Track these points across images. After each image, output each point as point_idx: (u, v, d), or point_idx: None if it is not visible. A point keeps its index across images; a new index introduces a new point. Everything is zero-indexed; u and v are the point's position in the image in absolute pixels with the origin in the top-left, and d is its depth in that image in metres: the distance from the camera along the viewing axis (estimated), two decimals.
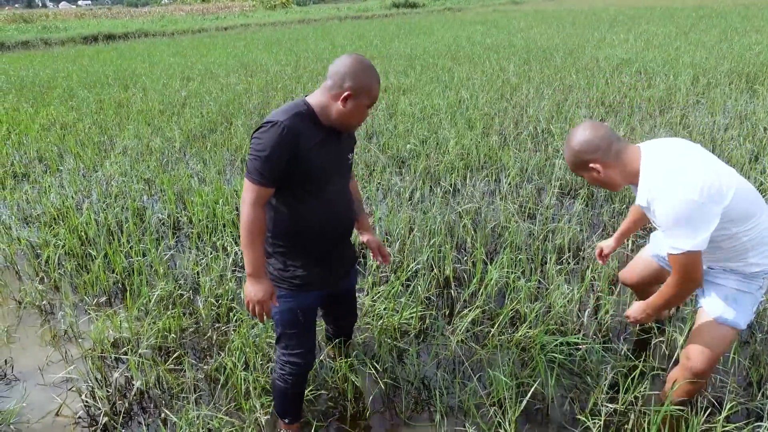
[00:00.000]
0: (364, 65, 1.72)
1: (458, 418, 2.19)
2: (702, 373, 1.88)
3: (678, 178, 1.64)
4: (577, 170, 1.83)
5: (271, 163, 1.66)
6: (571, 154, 1.80)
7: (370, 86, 1.72)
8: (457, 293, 2.99)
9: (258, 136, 1.67)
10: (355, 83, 1.70)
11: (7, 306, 3.15)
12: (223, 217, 3.76)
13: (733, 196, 1.64)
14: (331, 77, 1.72)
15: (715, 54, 9.71)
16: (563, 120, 5.88)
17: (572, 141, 1.78)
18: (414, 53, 11.99)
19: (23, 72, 11.98)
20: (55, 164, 5.31)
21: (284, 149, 1.66)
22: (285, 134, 1.65)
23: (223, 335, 2.69)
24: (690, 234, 1.62)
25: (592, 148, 1.75)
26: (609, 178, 1.79)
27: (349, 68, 1.71)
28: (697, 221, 1.61)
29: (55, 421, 2.28)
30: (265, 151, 1.65)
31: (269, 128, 1.65)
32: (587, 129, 1.77)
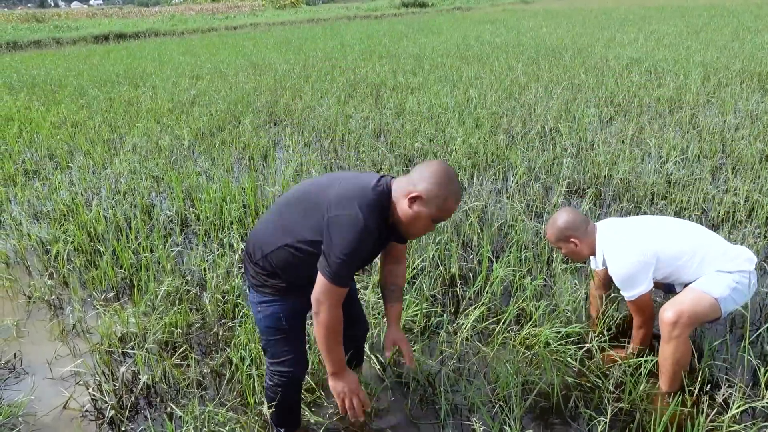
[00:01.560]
0: (448, 176, 1.64)
1: (463, 415, 2.19)
2: (671, 321, 2.08)
3: (622, 249, 2.21)
4: (558, 243, 2.36)
5: (355, 266, 1.65)
6: (556, 230, 2.33)
7: (444, 198, 1.61)
8: (462, 291, 2.99)
9: (345, 235, 1.57)
10: (429, 187, 1.61)
11: (17, 300, 3.19)
12: (231, 214, 3.78)
13: (659, 253, 2.17)
14: (412, 172, 1.66)
15: (726, 53, 9.62)
16: (572, 119, 5.86)
17: (558, 221, 2.33)
18: (422, 52, 11.98)
19: (35, 71, 12.10)
20: (65, 161, 5.36)
21: (365, 250, 1.63)
22: (368, 236, 1.60)
23: (229, 331, 2.70)
24: (636, 283, 2.17)
25: (574, 226, 2.31)
26: (581, 250, 2.34)
27: (432, 171, 1.63)
28: (638, 274, 2.16)
29: (62, 414, 2.31)
30: (353, 255, 1.59)
31: (358, 230, 1.57)
32: (569, 212, 2.35)
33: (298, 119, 6.63)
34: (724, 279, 2.13)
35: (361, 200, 1.61)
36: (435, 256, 3.19)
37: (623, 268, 2.17)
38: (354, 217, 1.58)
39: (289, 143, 5.50)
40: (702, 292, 2.11)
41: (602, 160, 4.51)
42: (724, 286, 2.11)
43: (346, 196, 1.64)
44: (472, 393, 2.24)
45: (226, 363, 2.49)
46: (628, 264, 2.16)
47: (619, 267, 2.18)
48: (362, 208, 1.59)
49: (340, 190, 1.67)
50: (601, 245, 2.28)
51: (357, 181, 1.71)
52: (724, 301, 2.10)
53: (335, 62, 11.11)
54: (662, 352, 2.16)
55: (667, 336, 2.11)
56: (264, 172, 4.85)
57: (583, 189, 4.24)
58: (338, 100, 7.38)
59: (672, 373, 2.15)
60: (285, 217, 1.78)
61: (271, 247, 1.76)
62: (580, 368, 2.36)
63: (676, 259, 2.18)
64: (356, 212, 1.58)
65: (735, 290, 2.13)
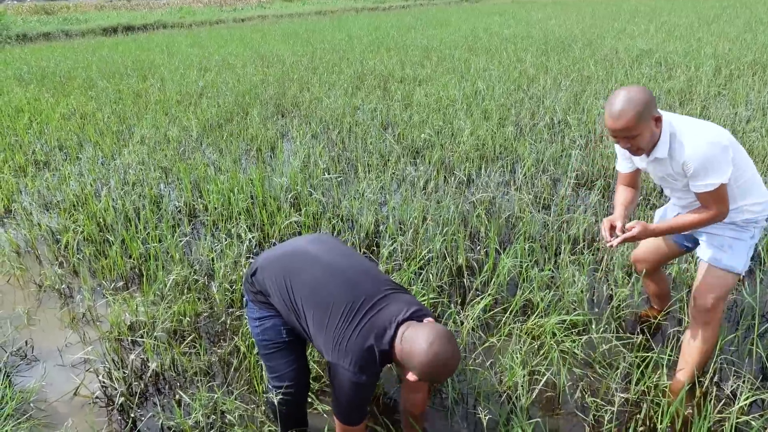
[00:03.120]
0: (439, 357, 1.52)
1: (470, 405, 2.19)
2: (708, 308, 2.02)
3: (701, 129, 1.89)
4: (640, 123, 1.84)
5: (365, 406, 1.73)
6: (642, 105, 1.82)
7: (437, 374, 1.57)
8: (469, 282, 2.99)
9: (346, 391, 1.65)
10: (423, 368, 1.56)
11: (28, 289, 3.22)
12: (238, 205, 3.79)
13: (736, 145, 1.93)
14: (413, 338, 1.57)
15: (738, 45, 9.50)
16: (580, 111, 5.82)
17: (638, 94, 1.83)
18: (430, 44, 11.91)
19: (44, 63, 12.15)
20: (74, 152, 5.40)
21: (370, 393, 1.72)
22: (369, 386, 1.67)
23: (237, 320, 2.72)
24: (719, 170, 1.86)
25: (653, 101, 1.85)
26: (654, 134, 1.91)
27: (422, 351, 1.53)
28: (723, 159, 1.85)
29: (73, 400, 2.34)
30: (359, 403, 1.69)
31: (357, 388, 1.64)
32: (641, 88, 1.86)
33: (305, 111, 6.63)
34: (746, 246, 2.03)
35: (361, 358, 1.63)
36: (442, 247, 3.18)
37: (705, 148, 1.85)
38: (351, 375, 1.62)
39: (296, 135, 5.50)
40: (728, 273, 2.02)
41: (611, 152, 4.48)
42: (746, 257, 2.03)
43: (352, 348, 1.63)
44: (479, 382, 2.25)
45: (234, 351, 2.51)
46: (711, 145, 1.85)
47: (699, 147, 1.86)
48: (360, 367, 1.62)
49: (350, 337, 1.66)
50: (668, 129, 1.93)
51: (368, 326, 1.67)
52: (742, 269, 2.04)
53: (343, 54, 11.08)
54: (690, 342, 2.11)
55: (702, 323, 2.07)
56: (272, 163, 4.86)
57: (592, 181, 4.21)
58: (346, 91, 7.36)
59: (697, 363, 2.11)
60: (296, 286, 1.77)
61: (269, 286, 1.82)
62: (586, 358, 2.36)
63: (738, 167, 1.94)
64: (352, 371, 1.62)
65: (751, 249, 2.05)
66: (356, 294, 1.71)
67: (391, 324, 1.64)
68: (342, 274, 1.76)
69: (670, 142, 1.93)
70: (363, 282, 1.75)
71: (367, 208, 3.64)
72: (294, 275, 1.78)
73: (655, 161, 2.00)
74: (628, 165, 2.19)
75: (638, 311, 2.70)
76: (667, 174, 2.01)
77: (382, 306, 1.69)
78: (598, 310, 2.74)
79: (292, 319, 1.78)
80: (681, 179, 1.99)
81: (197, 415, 2.07)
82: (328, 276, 1.76)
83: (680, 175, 1.97)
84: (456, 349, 1.56)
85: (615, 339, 2.42)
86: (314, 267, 1.79)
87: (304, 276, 1.77)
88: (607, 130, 1.93)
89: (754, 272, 2.95)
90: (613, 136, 1.91)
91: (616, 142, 1.93)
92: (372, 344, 1.62)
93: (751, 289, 2.78)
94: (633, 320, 2.66)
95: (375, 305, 1.69)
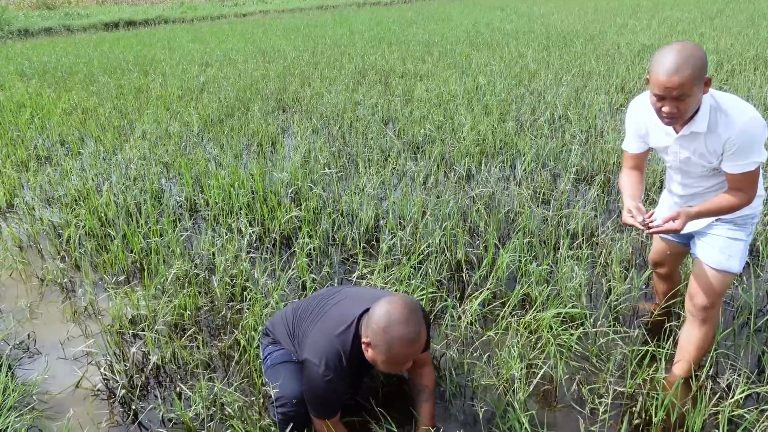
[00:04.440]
0: (395, 319, 1.58)
1: (467, 398, 2.21)
2: (707, 306, 2.02)
3: (743, 104, 1.78)
4: (696, 84, 1.68)
5: (335, 402, 1.80)
6: (696, 63, 1.66)
7: (389, 345, 1.59)
8: (468, 276, 3.01)
9: (315, 385, 1.74)
10: (374, 334, 1.62)
11: (30, 283, 3.25)
12: (239, 200, 3.81)
13: None
14: (372, 308, 1.68)
15: (741, 40, 9.47)
16: (581, 106, 5.81)
17: (696, 51, 1.67)
18: (432, 39, 11.89)
19: (46, 58, 12.16)
20: (76, 147, 5.42)
21: (339, 390, 1.77)
22: (337, 383, 1.74)
23: (237, 313, 2.74)
24: (760, 149, 1.77)
25: (707, 62, 1.69)
26: (699, 101, 1.75)
27: (380, 314, 1.61)
28: (763, 138, 1.76)
29: (75, 392, 2.36)
30: (327, 399, 1.77)
31: (324, 383, 1.71)
32: (697, 45, 1.69)
33: (306, 106, 6.64)
34: (744, 245, 1.99)
35: (327, 351, 1.73)
36: (441, 241, 3.20)
37: (752, 125, 1.73)
38: (317, 372, 1.71)
39: (297, 130, 5.51)
40: (728, 273, 1.99)
41: (611, 147, 4.48)
42: (744, 256, 2.00)
43: (318, 342, 1.77)
44: (477, 375, 2.27)
45: (234, 345, 2.53)
46: (756, 121, 1.74)
47: (747, 123, 1.73)
48: (327, 361, 1.71)
49: (318, 330, 1.81)
50: (708, 101, 1.79)
51: (336, 321, 1.81)
52: (739, 268, 2.01)
53: (344, 49, 11.07)
54: (689, 337, 2.10)
55: (700, 321, 2.06)
56: (272, 158, 4.87)
57: (592, 176, 4.22)
58: (347, 87, 7.36)
59: (694, 358, 2.10)
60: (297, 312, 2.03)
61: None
62: (583, 352, 2.38)
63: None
64: (321, 366, 1.70)
65: (747, 246, 2.01)
66: (333, 295, 1.95)
67: (354, 318, 1.78)
68: (330, 293, 2.00)
69: (710, 116, 1.78)
70: (350, 294, 1.96)
71: (367, 203, 3.66)
72: (296, 309, 2.05)
73: (689, 136, 1.84)
74: (639, 145, 2.08)
75: (636, 305, 2.71)
76: (698, 153, 1.86)
77: (350, 305, 1.85)
78: (596, 304, 2.75)
79: (294, 348, 1.98)
80: (712, 159, 1.84)
81: (197, 408, 2.10)
82: (315, 297, 2.04)
83: (714, 154, 1.82)
84: (414, 316, 1.63)
85: (612, 332, 2.43)
86: (309, 297, 2.09)
87: (303, 302, 2.07)
88: (653, 87, 1.72)
89: (751, 267, 2.96)
90: (659, 96, 1.72)
91: (661, 103, 1.74)
92: (341, 332, 1.76)
93: (748, 284, 2.80)
94: (630, 314, 2.68)
95: (342, 303, 1.88)
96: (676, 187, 2.11)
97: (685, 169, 1.99)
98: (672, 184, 2.13)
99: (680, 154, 1.93)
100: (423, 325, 1.65)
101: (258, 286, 2.82)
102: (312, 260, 3.23)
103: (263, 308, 2.58)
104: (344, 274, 3.13)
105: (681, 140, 1.89)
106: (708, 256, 2.02)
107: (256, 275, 2.92)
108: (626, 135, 2.12)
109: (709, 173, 1.94)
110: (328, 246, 3.43)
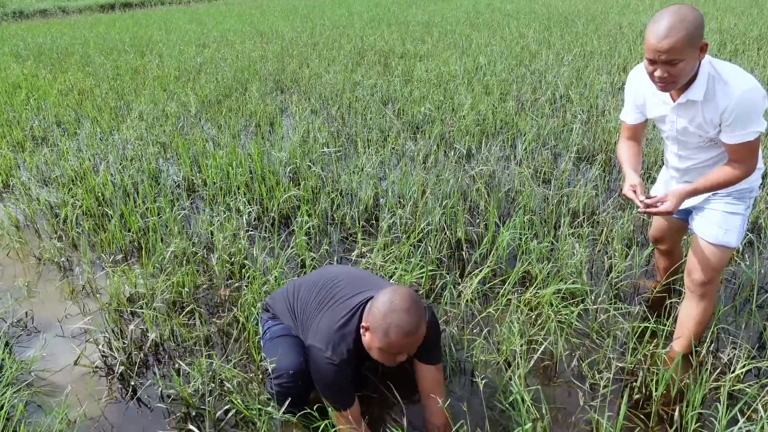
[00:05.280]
0: (395, 306, 1.58)
1: (468, 373, 2.21)
2: (705, 282, 2.00)
3: (742, 73, 1.73)
4: (688, 47, 1.62)
5: (345, 390, 1.75)
6: (694, 26, 1.61)
7: (384, 330, 1.58)
8: (468, 255, 2.99)
9: (321, 374, 1.72)
10: (373, 317, 1.61)
11: (28, 262, 3.23)
12: (237, 179, 3.78)
13: None
14: (371, 306, 1.67)
15: (744, 20, 9.36)
16: (583, 86, 5.76)
17: (691, 13, 1.62)
18: (432, 20, 11.76)
19: (41, 39, 12.03)
20: (72, 128, 5.36)
21: (344, 377, 1.73)
22: (341, 369, 1.71)
23: (236, 291, 2.73)
24: (760, 119, 1.73)
25: (703, 25, 1.64)
26: (694, 67, 1.70)
27: (382, 300, 1.61)
28: (763, 107, 1.72)
29: (74, 369, 2.36)
30: (335, 386, 1.73)
31: (329, 370, 1.70)
32: (693, 7, 1.64)
33: (305, 87, 6.57)
34: (742, 219, 1.96)
35: (333, 338, 1.73)
36: (441, 220, 3.18)
37: (751, 95, 1.69)
38: (324, 358, 1.71)
39: (295, 110, 5.45)
40: (725, 248, 1.96)
41: (613, 126, 4.44)
42: (742, 230, 1.97)
43: (323, 329, 1.76)
44: (477, 351, 2.26)
45: (233, 323, 2.52)
46: (756, 90, 1.69)
47: (745, 93, 1.68)
48: (334, 347, 1.71)
49: (322, 317, 1.81)
50: (706, 69, 1.74)
51: (341, 307, 1.81)
52: (737, 243, 1.98)
53: (343, 30, 10.94)
54: (688, 313, 2.08)
55: (699, 297, 2.04)
56: (270, 138, 4.83)
57: (593, 155, 4.18)
58: (345, 67, 7.28)
59: (694, 334, 2.09)
60: (297, 292, 2.02)
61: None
62: (583, 328, 2.37)
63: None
64: (327, 351, 1.70)
65: (746, 220, 1.98)
66: (336, 279, 1.94)
67: (359, 304, 1.78)
68: (333, 274, 2.00)
69: (707, 84, 1.74)
70: (352, 278, 1.95)
71: (366, 183, 3.63)
72: (297, 287, 2.04)
73: (686, 105, 1.81)
74: (636, 116, 2.06)
75: (637, 282, 2.70)
76: (695, 123, 1.83)
77: (357, 293, 1.84)
78: (596, 281, 2.74)
79: (294, 325, 1.98)
80: (709, 129, 1.81)
81: (196, 383, 2.09)
82: (318, 275, 2.03)
83: (711, 123, 1.79)
84: (415, 307, 1.61)
85: (612, 309, 2.42)
86: (311, 275, 2.09)
87: (305, 280, 2.06)
88: (646, 50, 1.68)
89: (753, 244, 2.94)
90: (651, 60, 1.68)
91: (653, 67, 1.70)
92: (346, 319, 1.75)
93: (751, 261, 2.78)
94: (631, 291, 2.67)
95: (346, 290, 1.87)
96: (673, 159, 2.06)
97: (681, 139, 1.95)
98: (669, 156, 2.09)
99: (677, 123, 1.89)
100: (423, 317, 1.63)
101: (257, 264, 2.80)
102: (311, 239, 3.21)
103: (261, 286, 2.57)
104: (343, 252, 3.11)
105: (678, 109, 1.85)
106: (705, 231, 1.99)
107: (255, 253, 2.90)
108: (624, 105, 2.10)
109: (706, 144, 1.89)
110: (327, 225, 3.40)
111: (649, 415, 1.95)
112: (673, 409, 1.95)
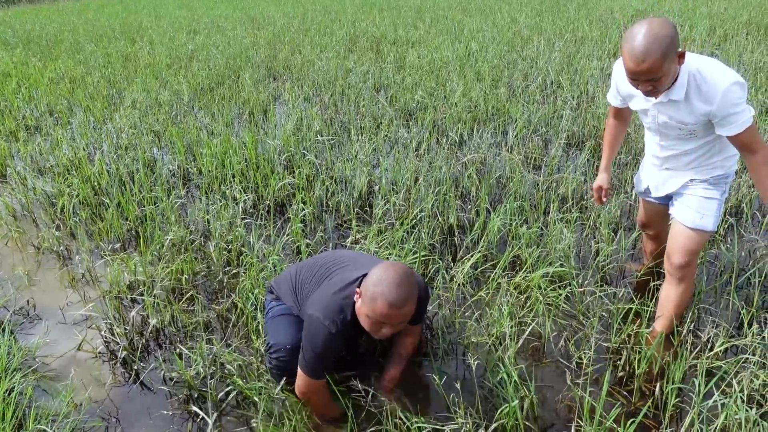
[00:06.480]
0: (389, 278, 1.63)
1: (459, 354, 2.29)
2: (683, 265, 2.08)
3: (722, 70, 1.78)
4: (666, 63, 1.67)
5: (329, 362, 1.82)
6: (664, 43, 1.64)
7: (373, 297, 1.64)
8: (460, 240, 3.07)
9: (314, 339, 1.77)
10: (366, 284, 1.67)
11: (27, 251, 3.27)
12: (232, 167, 3.83)
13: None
14: (367, 278, 1.72)
15: (734, 4, 9.41)
16: (573, 72, 5.81)
17: (663, 29, 1.65)
18: (423, 5, 11.72)
19: (29, 26, 11.89)
20: (65, 117, 5.37)
21: (335, 349, 1.79)
22: (335, 340, 1.77)
23: (234, 277, 2.80)
24: (746, 108, 1.79)
25: (677, 35, 1.69)
26: (675, 73, 1.76)
27: (378, 270, 1.67)
28: (744, 97, 1.78)
29: (77, 355, 2.42)
30: (323, 355, 1.78)
31: (324, 337, 1.75)
32: (664, 21, 1.68)
33: (297, 74, 6.58)
34: (718, 204, 2.05)
35: (331, 307, 1.79)
36: (434, 206, 3.25)
37: (734, 93, 1.75)
38: (320, 324, 1.76)
39: (288, 98, 5.48)
40: (702, 232, 2.05)
41: (602, 112, 4.51)
42: (718, 215, 2.06)
43: (322, 299, 1.83)
44: (468, 333, 2.34)
45: (231, 308, 2.59)
46: (738, 86, 1.75)
47: (728, 92, 1.74)
48: (329, 315, 1.77)
49: (321, 289, 1.90)
50: (686, 69, 1.80)
51: (340, 279, 1.89)
52: (714, 226, 2.07)
53: (334, 15, 10.90)
54: (668, 295, 2.17)
55: (678, 279, 2.12)
56: (264, 126, 4.86)
57: (582, 141, 4.26)
58: (338, 54, 7.29)
59: (675, 315, 2.18)
60: (299, 272, 2.10)
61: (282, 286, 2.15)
62: (570, 310, 2.46)
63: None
64: (323, 319, 1.76)
65: (722, 205, 2.07)
66: (337, 259, 2.03)
67: (357, 277, 1.86)
68: (335, 256, 2.09)
69: (688, 83, 1.80)
70: (354, 259, 2.04)
71: (360, 170, 3.68)
72: (300, 268, 2.11)
73: (668, 103, 1.89)
74: (619, 101, 2.16)
75: (623, 266, 2.79)
76: (677, 119, 1.91)
77: (354, 268, 1.94)
78: (584, 265, 2.83)
79: (295, 305, 2.05)
80: (689, 121, 1.88)
81: (198, 367, 2.16)
82: (322, 257, 2.13)
83: (692, 116, 1.86)
84: (407, 283, 1.67)
85: (599, 291, 2.51)
86: (315, 257, 2.18)
87: (307, 262, 2.15)
88: (626, 71, 1.74)
89: (734, 228, 3.04)
90: (632, 80, 1.75)
91: (636, 85, 1.77)
92: (344, 289, 1.83)
93: (731, 244, 2.87)
94: (617, 274, 2.76)
95: (346, 267, 1.97)
96: (654, 148, 2.16)
97: (663, 131, 2.03)
98: (650, 145, 2.19)
99: (658, 117, 1.98)
100: (413, 296, 1.69)
101: (254, 251, 2.86)
102: (306, 226, 3.28)
103: (259, 272, 2.63)
104: (338, 239, 3.18)
105: (659, 106, 1.94)
106: (683, 216, 2.09)
107: (252, 240, 2.96)
108: (610, 88, 2.19)
109: (686, 135, 1.98)
110: (322, 212, 3.47)
111: (632, 391, 2.05)
112: (655, 385, 2.05)
